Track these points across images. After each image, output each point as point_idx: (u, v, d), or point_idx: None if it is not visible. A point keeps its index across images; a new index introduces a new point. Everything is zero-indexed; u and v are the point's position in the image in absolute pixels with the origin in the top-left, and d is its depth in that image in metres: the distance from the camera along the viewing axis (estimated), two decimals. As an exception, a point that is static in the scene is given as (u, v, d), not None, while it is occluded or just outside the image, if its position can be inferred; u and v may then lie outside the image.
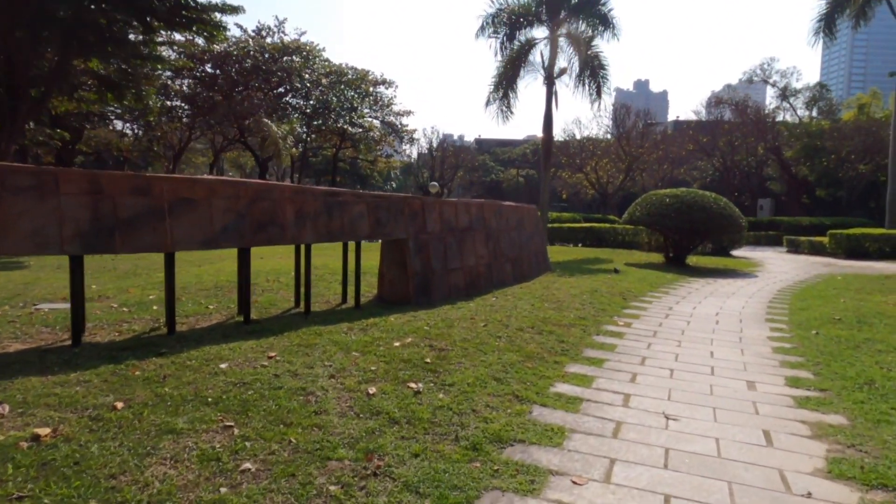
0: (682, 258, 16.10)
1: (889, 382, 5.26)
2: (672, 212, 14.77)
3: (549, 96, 22.03)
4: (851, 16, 24.18)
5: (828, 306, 9.50)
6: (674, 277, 12.92)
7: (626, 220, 16.44)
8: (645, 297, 9.73)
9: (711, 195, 15.33)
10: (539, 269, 11.71)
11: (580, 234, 23.49)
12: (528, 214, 11.50)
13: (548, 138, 22.38)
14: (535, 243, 11.73)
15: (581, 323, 7.23)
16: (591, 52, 21.69)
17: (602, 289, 9.98)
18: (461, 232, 9.05)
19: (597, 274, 12.27)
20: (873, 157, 35.16)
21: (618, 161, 34.21)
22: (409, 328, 6.22)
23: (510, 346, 5.82)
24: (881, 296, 11.07)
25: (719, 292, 11.01)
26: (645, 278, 12.06)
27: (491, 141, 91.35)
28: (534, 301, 8.44)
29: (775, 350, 6.51)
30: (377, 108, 37.53)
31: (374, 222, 7.47)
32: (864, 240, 20.84)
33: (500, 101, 21.87)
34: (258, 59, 30.91)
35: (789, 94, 40.48)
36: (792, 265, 17.91)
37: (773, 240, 29.87)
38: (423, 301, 8.00)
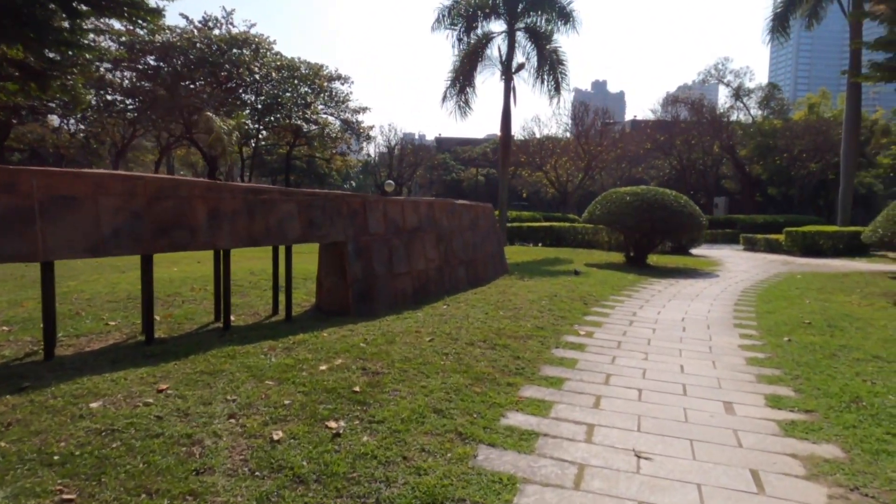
0: (642, 258, 15.69)
1: (877, 399, 4.72)
2: (633, 210, 14.31)
3: (507, 92, 21.42)
4: (804, 15, 24.44)
5: (794, 308, 9.09)
6: (635, 279, 12.42)
7: (585, 219, 15.94)
8: (607, 302, 9.13)
9: (672, 193, 14.96)
10: (496, 272, 11.01)
11: (540, 234, 22.99)
12: (483, 213, 10.78)
13: (506, 135, 21.77)
14: (492, 244, 11.03)
15: (539, 334, 6.53)
16: (550, 46, 21.19)
17: (562, 293, 9.33)
18: (409, 233, 8.25)
19: (557, 276, 11.65)
20: (823, 156, 35.97)
21: (577, 159, 34.01)
22: (343, 346, 5.39)
23: (457, 366, 5.05)
24: (843, 295, 10.80)
25: (683, 294, 10.52)
26: (606, 280, 11.51)
27: (451, 139, 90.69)
28: (488, 309, 7.71)
29: (749, 361, 5.94)
30: (332, 105, 36.33)
31: (306, 223, 6.59)
32: (818, 237, 20.98)
33: (457, 97, 21.15)
34: (204, 51, 29.32)
35: (742, 94, 41.16)
36: (751, 263, 17.76)
37: (730, 237, 30.09)
38: (364, 311, 7.17)
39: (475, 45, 21.37)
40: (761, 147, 38.42)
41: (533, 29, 21.07)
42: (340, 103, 36.39)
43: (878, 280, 13.49)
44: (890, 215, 10.17)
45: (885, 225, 10.07)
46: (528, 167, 35.73)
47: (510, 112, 21.43)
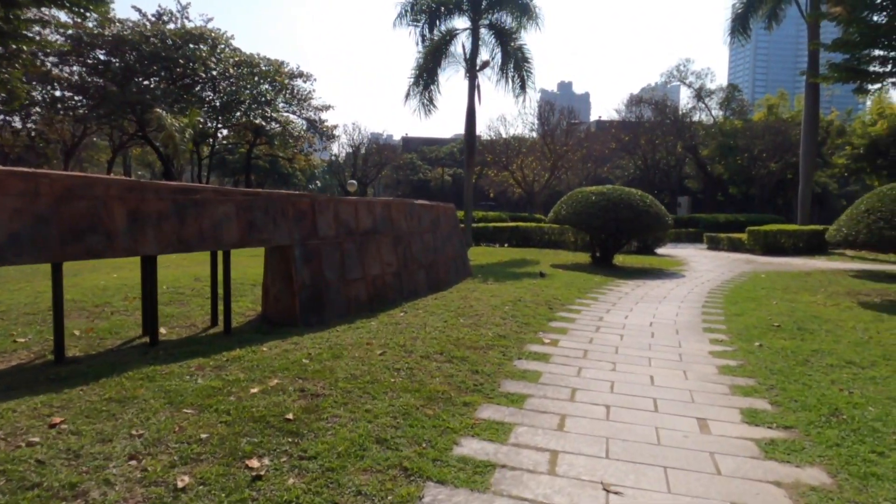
0: (608, 258, 15.47)
1: (856, 411, 4.42)
2: (598, 210, 14.05)
3: (472, 90, 21.05)
4: (764, 16, 24.73)
5: (762, 310, 8.89)
6: (602, 280, 12.14)
7: (551, 219, 15.64)
8: (573, 306, 8.76)
9: (638, 192, 14.76)
10: (458, 275, 10.55)
11: (506, 234, 22.67)
12: (444, 214, 10.32)
13: (471, 134, 21.38)
14: (454, 246, 10.57)
15: (500, 343, 6.08)
16: (515, 44, 20.90)
17: (526, 297, 8.93)
18: (363, 236, 7.72)
19: (522, 279, 11.27)
20: (783, 156, 36.69)
21: (543, 159, 33.89)
22: (282, 362, 4.85)
23: (409, 384, 4.56)
24: (808, 295, 10.70)
25: (650, 296, 10.25)
26: (572, 282, 11.17)
27: (418, 139, 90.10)
28: (448, 316, 7.24)
29: (721, 370, 5.61)
30: (294, 103, 35.34)
31: (245, 226, 6.01)
32: (779, 236, 21.19)
33: (420, 95, 20.66)
34: (158, 45, 28.06)
35: (704, 95, 41.77)
36: (715, 263, 17.75)
37: (693, 237, 30.34)
38: (313, 321, 6.61)
39: (439, 41, 20.94)
40: (723, 147, 39.01)
41: (497, 26, 20.74)
42: (302, 101, 35.46)
43: (839, 279, 13.53)
44: (853, 214, 10.10)
45: (849, 224, 9.99)
46: (495, 167, 35.45)
47: (475, 110, 21.06)
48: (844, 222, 10.22)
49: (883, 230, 9.29)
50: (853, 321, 8.08)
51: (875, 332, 7.40)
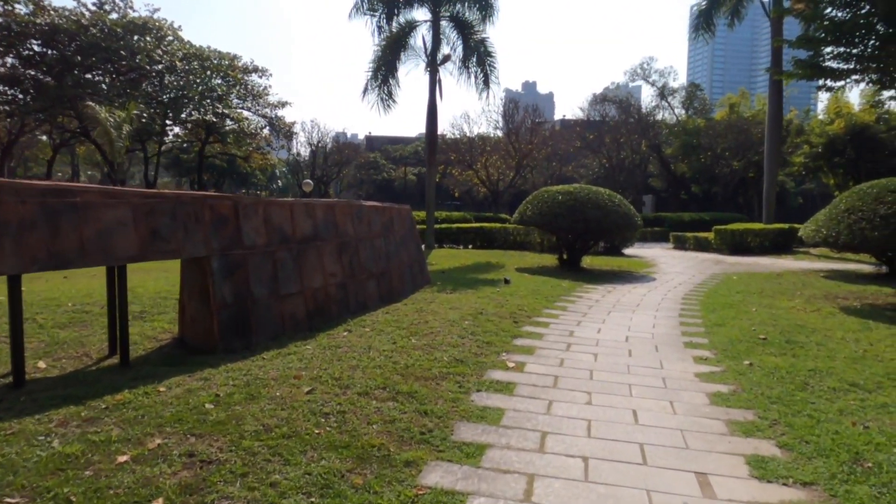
0: (576, 260, 14.75)
1: (881, 455, 3.66)
2: (565, 210, 13.30)
3: (433, 85, 20.12)
4: (727, 13, 24.54)
5: (742, 318, 8.21)
6: (570, 285, 11.36)
7: (516, 220, 14.83)
8: (540, 318, 7.91)
9: (605, 191, 14.08)
10: (415, 284, 9.61)
11: (470, 235, 21.82)
12: (398, 216, 9.35)
13: (432, 131, 20.45)
14: (409, 252, 9.62)
15: (457, 371, 5.16)
16: (477, 37, 20.06)
17: (489, 308, 8.04)
18: (301, 243, 6.70)
19: (485, 286, 10.39)
20: (745, 154, 36.88)
21: (508, 158, 33.22)
22: (177, 410, 3.83)
23: (337, 436, 3.60)
24: (786, 300, 10.13)
25: (623, 304, 9.49)
26: (539, 289, 10.35)
27: (382, 138, 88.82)
28: (398, 335, 6.29)
29: (712, 399, 4.81)
30: (249, 99, 33.73)
31: (146, 235, 4.93)
32: (746, 235, 20.91)
33: (379, 89, 19.62)
34: (98, 36, 26.18)
35: (667, 94, 41.83)
36: (685, 264, 17.25)
37: (659, 236, 30.08)
38: (237, 345, 5.58)
39: (397, 33, 19.94)
40: (686, 146, 39.07)
41: (458, 18, 19.87)
42: (258, 97, 33.88)
43: (812, 280, 13.10)
44: (833, 214, 9.57)
45: (829, 224, 9.45)
46: (459, 166, 34.60)
47: (436, 106, 20.15)
48: (824, 222, 9.67)
49: (865, 231, 8.75)
50: (841, 331, 7.45)
51: (868, 344, 6.77)
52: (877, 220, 8.71)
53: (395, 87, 19.69)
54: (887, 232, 8.51)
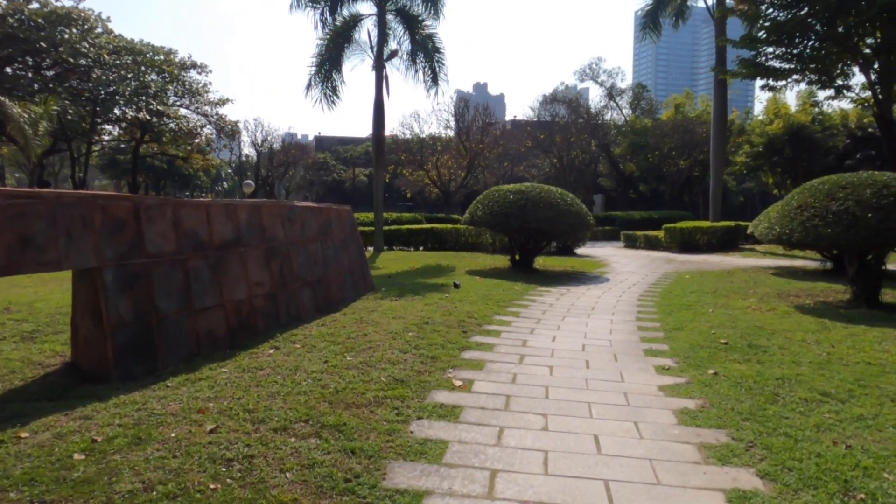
0: (529, 262, 14.32)
1: (872, 482, 3.25)
2: (517, 210, 12.82)
3: (380, 81, 19.37)
4: (672, 13, 24.80)
5: (700, 321, 7.87)
6: (523, 288, 10.86)
7: (466, 220, 14.28)
8: (491, 326, 7.34)
9: (558, 191, 13.69)
10: (357, 291, 8.88)
11: (421, 237, 21.16)
12: (337, 218, 8.61)
13: (379, 129, 19.71)
14: (351, 256, 8.89)
15: (395, 394, 4.51)
16: (425, 32, 19.44)
17: (436, 317, 7.41)
18: (220, 250, 5.91)
19: (433, 291, 9.75)
20: (691, 153, 37.62)
21: (459, 157, 32.74)
22: (35, 464, 3.04)
23: (239, 492, 2.90)
24: (741, 299, 9.93)
25: (578, 308, 9.04)
26: (490, 294, 9.79)
27: (332, 138, 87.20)
28: (332, 352, 5.59)
29: (680, 417, 4.32)
30: (187, 96, 32.01)
31: (14, 243, 4.08)
32: (695, 233, 21.06)
33: (323, 85, 18.74)
34: (15, 27, 24.11)
35: (615, 94, 42.32)
36: (637, 263, 17.11)
37: (610, 235, 30.19)
38: (138, 371, 4.76)
39: (342, 27, 19.11)
40: (634, 145, 39.59)
41: (405, 12, 19.20)
42: (197, 94, 32.19)
43: (762, 277, 13.07)
44: (785, 211, 9.39)
45: (782, 221, 9.26)
46: (410, 166, 33.89)
47: (383, 104, 19.42)
48: (777, 219, 9.48)
49: (818, 227, 8.57)
50: (800, 332, 7.18)
51: (829, 346, 6.49)
52: (829, 216, 8.55)
53: (340, 84, 18.87)
54: (840, 229, 8.36)
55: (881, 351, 6.23)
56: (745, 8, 20.02)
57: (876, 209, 8.36)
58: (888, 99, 18.47)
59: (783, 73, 19.16)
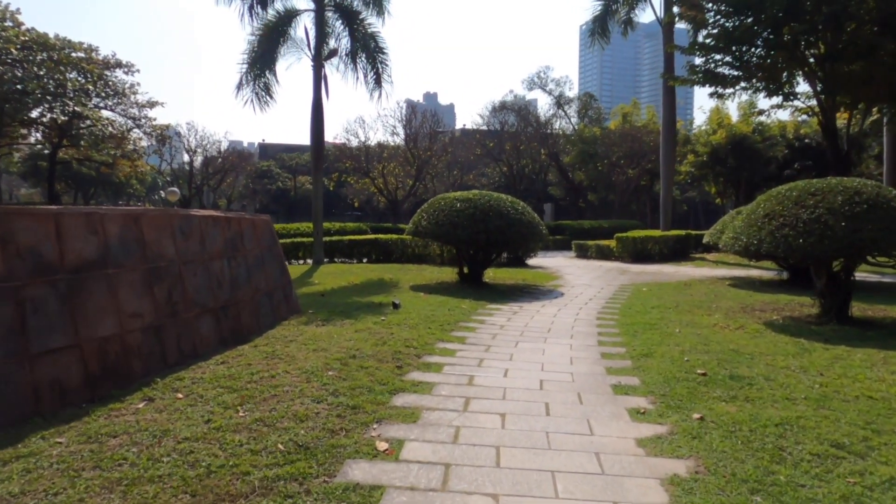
0: (478, 275, 13.29)
1: None
2: (465, 220, 11.78)
3: (318, 81, 18.08)
4: (620, 21, 24.54)
5: (669, 343, 6.98)
6: (471, 306, 9.79)
7: (410, 231, 13.13)
8: (433, 357, 6.20)
9: (508, 199, 12.74)
10: (277, 316, 7.58)
11: (365, 248, 19.86)
12: (251, 230, 7.29)
13: (318, 132, 18.37)
14: (269, 275, 7.58)
15: (292, 473, 3.29)
16: (367, 30, 18.28)
17: (366, 348, 6.21)
18: (78, 273, 4.55)
19: (368, 313, 8.54)
20: (639, 162, 37.75)
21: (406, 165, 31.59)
22: None
23: None
24: (705, 315, 9.16)
25: (532, 330, 8.01)
26: (434, 314, 8.65)
27: (277, 146, 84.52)
28: (221, 405, 4.32)
29: (673, 492, 3.28)
30: (113, 97, 29.55)
31: None
32: (647, 243, 20.61)
33: (254, 84, 17.27)
34: None
35: (563, 103, 42.23)
36: (591, 274, 16.36)
37: (561, 244, 29.67)
38: (-75, 449, 3.36)
39: (277, 22, 17.74)
40: (583, 154, 39.48)
41: (345, 8, 18.03)
42: (122, 95, 29.79)
43: (721, 290, 12.48)
44: (752, 220, 8.68)
45: (749, 232, 8.53)
46: (355, 174, 32.47)
47: (322, 106, 18.12)
48: (743, 229, 8.76)
49: (789, 238, 7.86)
50: (781, 356, 6.37)
51: (817, 373, 5.67)
52: (800, 225, 7.87)
53: (274, 83, 17.47)
54: (813, 239, 7.69)
55: (877, 380, 5.43)
56: (693, 14, 19.81)
57: (848, 217, 7.72)
58: (832, 107, 18.52)
59: (731, 81, 18.96)
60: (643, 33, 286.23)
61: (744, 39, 18.12)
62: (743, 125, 37.69)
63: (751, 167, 37.51)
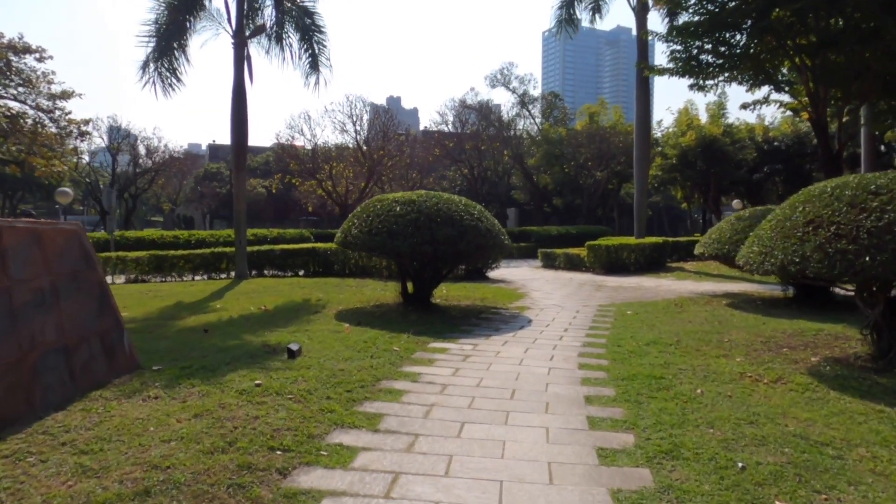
0: (425, 295, 10.73)
1: None
2: (406, 227, 9.20)
3: (240, 62, 15.24)
4: (588, 7, 22.45)
5: (697, 424, 4.51)
6: (408, 347, 7.18)
7: (339, 241, 10.46)
8: (308, 473, 3.55)
9: (461, 201, 10.20)
10: (90, 377, 4.80)
11: (301, 259, 17.03)
12: (30, 246, 4.51)
13: (240, 121, 15.50)
14: (67, 319, 4.79)
15: None
16: (300, 3, 15.53)
17: (187, 463, 3.49)
18: None
19: (243, 369, 5.80)
20: (608, 164, 35.87)
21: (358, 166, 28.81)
22: None
23: None
24: (722, 355, 6.80)
25: (488, 393, 5.43)
26: (346, 369, 5.98)
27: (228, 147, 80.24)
28: None
29: None
30: (17, 86, 25.90)
31: None
32: (621, 251, 18.39)
33: (157, 63, 14.32)
34: None
35: (528, 102, 40.14)
36: (562, 291, 13.94)
37: (526, 252, 27.41)
38: None
39: (188, -9, 14.81)
40: (549, 156, 37.42)
41: (271, -25, 15.24)
42: (31, 84, 26.21)
43: (722, 312, 10.20)
44: (788, 230, 6.40)
45: (788, 247, 6.20)
46: (301, 175, 29.49)
47: (245, 90, 15.28)
48: (775, 242, 6.42)
49: (849, 255, 5.56)
50: (875, 444, 3.98)
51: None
52: (863, 237, 5.59)
53: (183, 63, 14.53)
54: (886, 256, 5.42)
55: None
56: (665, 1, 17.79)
57: (932, 225, 5.43)
58: (825, 101, 16.67)
59: (714, 71, 16.93)
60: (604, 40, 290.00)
61: (729, 24, 16.14)
62: (713, 127, 36.23)
63: (721, 170, 36.07)
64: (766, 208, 11.19)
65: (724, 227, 11.24)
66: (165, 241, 20.85)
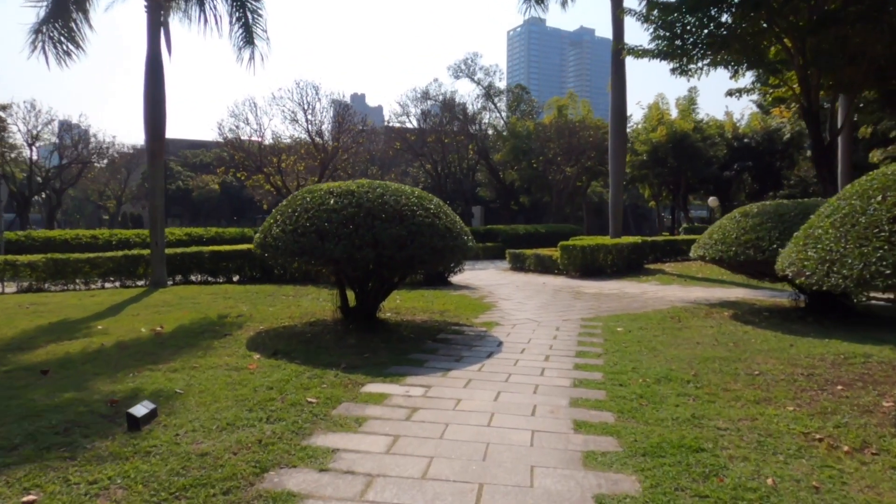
0: (370, 309, 8.67)
1: None
2: (341, 225, 7.12)
3: (155, 29, 12.83)
4: (560, -11, 20.70)
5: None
6: (331, 392, 5.10)
7: (258, 243, 8.31)
8: None
9: (414, 192, 8.16)
10: None
11: (235, 262, 14.71)
12: None
13: (155, 100, 13.08)
14: None
15: None
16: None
17: None
18: None
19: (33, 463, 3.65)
20: (578, 159, 34.33)
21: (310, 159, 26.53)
22: None
23: None
24: (762, 396, 4.97)
25: (439, 485, 3.40)
26: (226, 438, 3.88)
27: (182, 142, 76.19)
28: None
29: None
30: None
31: None
32: (597, 252, 16.65)
33: (50, 24, 11.84)
34: None
35: (494, 94, 38.30)
36: (535, 299, 12.04)
37: (493, 253, 25.56)
38: None
39: (90, -57, 12.35)
40: (516, 150, 35.70)
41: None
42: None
43: (731, 329, 8.44)
44: (850, 230, 4.61)
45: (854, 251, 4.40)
46: (246, 169, 27.02)
47: (161, 62, 12.88)
48: (851, 248, 4.63)
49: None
50: None
51: None
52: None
53: (82, 26, 12.06)
54: None
55: None
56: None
57: None
58: (817, 87, 15.25)
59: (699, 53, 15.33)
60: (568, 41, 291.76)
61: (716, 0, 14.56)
62: (683, 122, 35.10)
63: (692, 167, 34.98)
64: (778, 203, 9.50)
65: (728, 225, 9.51)
66: (81, 243, 18.16)
